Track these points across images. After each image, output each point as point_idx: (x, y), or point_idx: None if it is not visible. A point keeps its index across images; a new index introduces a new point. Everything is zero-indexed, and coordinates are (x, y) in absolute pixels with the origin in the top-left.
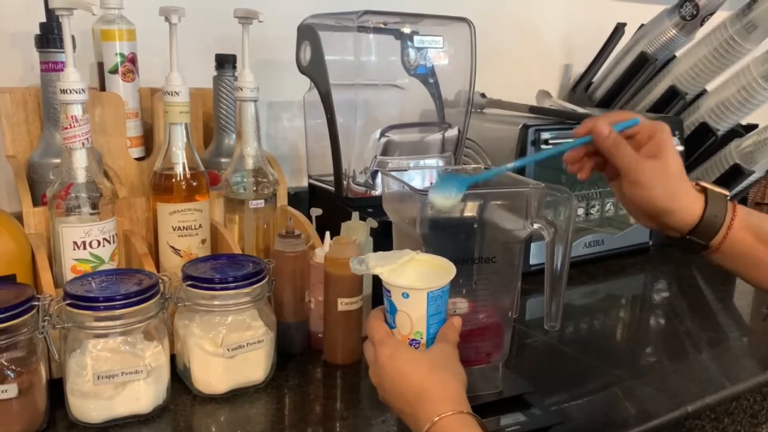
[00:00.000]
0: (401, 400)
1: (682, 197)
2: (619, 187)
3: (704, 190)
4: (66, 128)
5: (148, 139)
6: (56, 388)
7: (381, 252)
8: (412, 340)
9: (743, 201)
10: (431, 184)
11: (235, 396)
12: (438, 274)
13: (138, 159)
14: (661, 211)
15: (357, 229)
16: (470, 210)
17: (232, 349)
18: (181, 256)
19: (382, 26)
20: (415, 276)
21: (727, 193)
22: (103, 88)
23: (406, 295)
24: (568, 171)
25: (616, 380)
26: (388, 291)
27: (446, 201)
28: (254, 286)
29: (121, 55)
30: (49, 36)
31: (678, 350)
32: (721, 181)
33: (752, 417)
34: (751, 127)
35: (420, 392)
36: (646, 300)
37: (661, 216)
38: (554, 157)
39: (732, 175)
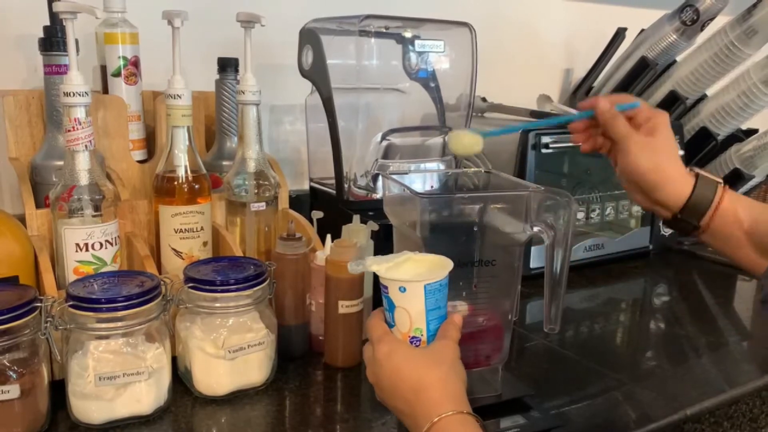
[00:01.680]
0: (399, 399)
1: (671, 174)
2: (615, 159)
3: (697, 175)
4: (69, 131)
5: (150, 142)
6: (58, 389)
7: (379, 256)
8: (413, 337)
9: None
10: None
11: (236, 398)
12: (436, 270)
13: (140, 161)
14: (650, 183)
15: (358, 232)
16: (470, 213)
17: (233, 351)
18: (183, 259)
19: (384, 30)
20: (413, 274)
21: (719, 180)
22: (105, 91)
23: (403, 289)
24: (573, 140)
25: (615, 384)
26: (386, 287)
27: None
28: (255, 288)
29: (124, 58)
30: (53, 39)
31: (678, 354)
32: None
33: (752, 421)
34: (751, 132)
35: (418, 390)
36: (646, 304)
37: (651, 190)
38: (562, 124)
39: (732, 180)
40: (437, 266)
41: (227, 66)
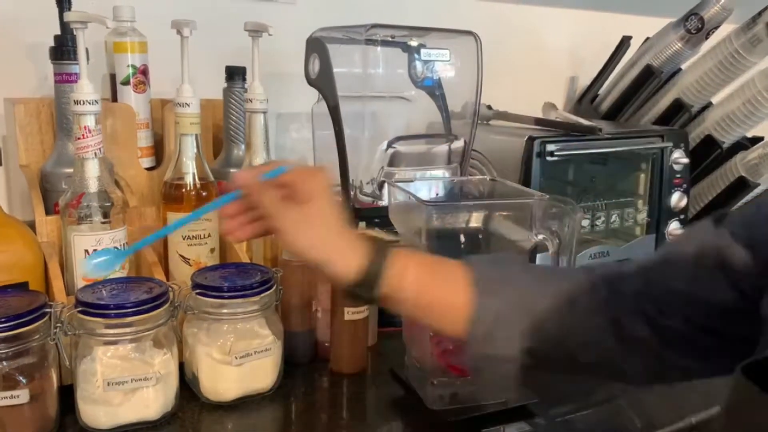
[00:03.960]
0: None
1: (335, 247)
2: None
3: (371, 239)
4: (79, 138)
5: (158, 149)
6: (67, 394)
7: None
8: None
9: None
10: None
11: (243, 404)
12: None
13: (148, 169)
14: (315, 261)
15: None
16: (475, 221)
17: (239, 357)
18: (191, 265)
19: (390, 39)
20: None
21: (395, 239)
22: (115, 99)
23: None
24: (225, 228)
25: (621, 391)
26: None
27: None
28: (262, 294)
29: (133, 66)
30: (64, 48)
31: None
32: (726, 194)
33: None
34: (756, 140)
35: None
36: None
37: (321, 267)
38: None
39: (737, 188)
40: None
41: (235, 74)
